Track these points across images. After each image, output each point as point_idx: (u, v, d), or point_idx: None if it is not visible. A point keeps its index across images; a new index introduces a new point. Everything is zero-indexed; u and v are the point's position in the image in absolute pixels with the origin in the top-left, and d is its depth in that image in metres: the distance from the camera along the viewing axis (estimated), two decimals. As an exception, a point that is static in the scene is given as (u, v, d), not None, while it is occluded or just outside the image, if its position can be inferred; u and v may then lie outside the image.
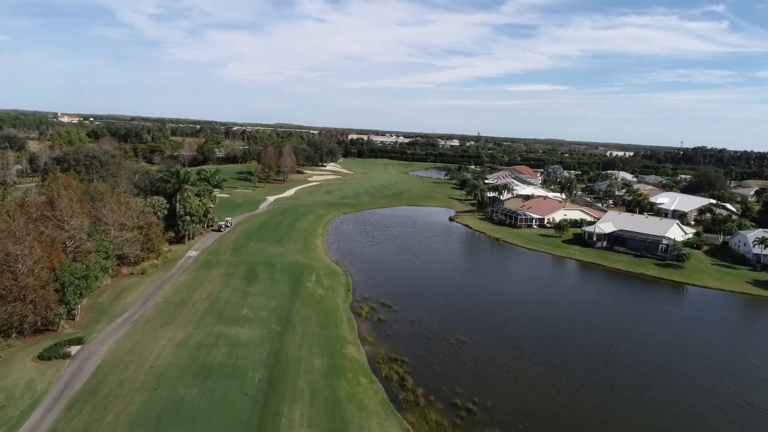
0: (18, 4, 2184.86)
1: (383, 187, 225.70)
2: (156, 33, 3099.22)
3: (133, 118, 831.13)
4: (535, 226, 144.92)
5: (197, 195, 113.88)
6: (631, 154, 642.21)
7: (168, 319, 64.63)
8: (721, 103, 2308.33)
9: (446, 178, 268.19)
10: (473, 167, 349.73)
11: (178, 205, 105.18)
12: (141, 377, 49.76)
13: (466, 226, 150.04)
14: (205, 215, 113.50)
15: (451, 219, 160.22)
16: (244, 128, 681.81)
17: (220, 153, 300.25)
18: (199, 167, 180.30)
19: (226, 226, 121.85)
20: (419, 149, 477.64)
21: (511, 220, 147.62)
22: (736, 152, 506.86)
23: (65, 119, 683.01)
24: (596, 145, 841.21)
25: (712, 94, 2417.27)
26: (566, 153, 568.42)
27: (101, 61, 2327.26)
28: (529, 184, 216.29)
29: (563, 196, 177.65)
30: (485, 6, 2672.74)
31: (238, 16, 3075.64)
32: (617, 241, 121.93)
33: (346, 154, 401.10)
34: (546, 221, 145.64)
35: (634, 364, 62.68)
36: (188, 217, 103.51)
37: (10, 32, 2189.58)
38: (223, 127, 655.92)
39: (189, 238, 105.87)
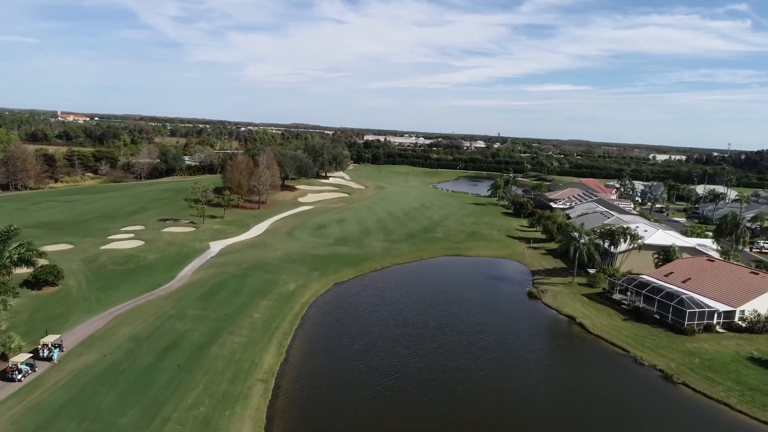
0: (46, 7, 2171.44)
1: (405, 215, 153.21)
2: (178, 35, 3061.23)
3: (142, 118, 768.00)
4: (719, 329, 70.83)
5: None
6: (683, 158, 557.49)
7: None
8: (748, 103, 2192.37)
9: (491, 195, 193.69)
10: (512, 175, 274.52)
11: None
12: None
13: (568, 318, 76.95)
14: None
15: (531, 295, 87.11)
16: (250, 128, 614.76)
17: (191, 161, 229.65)
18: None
19: (47, 358, 51.82)
20: (443, 152, 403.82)
21: (663, 310, 73.69)
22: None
23: (69, 118, 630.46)
24: (627, 146, 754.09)
25: (738, 94, 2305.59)
26: (602, 156, 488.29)
27: (124, 62, 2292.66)
28: (625, 212, 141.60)
29: (717, 246, 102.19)
30: (503, 6, 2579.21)
31: (258, 18, 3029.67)
32: None
33: (359, 160, 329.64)
34: (738, 317, 71.81)
35: None
36: None
37: (37, 34, 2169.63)
38: (235, 127, 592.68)
39: None
